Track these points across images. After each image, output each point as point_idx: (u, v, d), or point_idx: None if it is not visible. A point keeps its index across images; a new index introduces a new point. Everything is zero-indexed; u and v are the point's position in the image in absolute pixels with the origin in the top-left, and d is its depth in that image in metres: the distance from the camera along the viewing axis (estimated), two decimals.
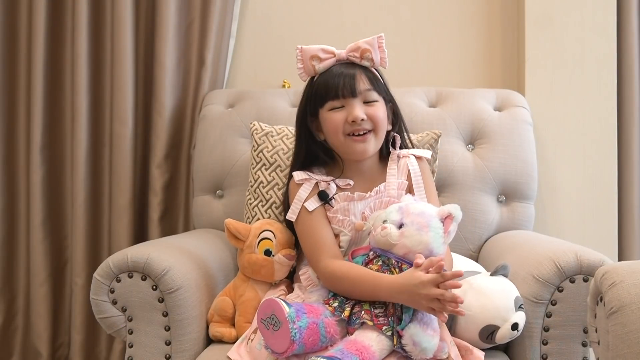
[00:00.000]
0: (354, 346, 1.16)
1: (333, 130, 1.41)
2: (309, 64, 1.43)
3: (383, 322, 1.21)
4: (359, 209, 1.42)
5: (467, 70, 2.11)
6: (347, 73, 1.40)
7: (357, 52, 1.42)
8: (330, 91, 1.40)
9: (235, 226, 1.48)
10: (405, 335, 1.18)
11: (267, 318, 1.20)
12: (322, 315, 1.23)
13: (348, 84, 1.39)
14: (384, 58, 1.44)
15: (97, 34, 2.05)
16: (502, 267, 1.36)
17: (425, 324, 1.20)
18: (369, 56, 1.42)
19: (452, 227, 1.30)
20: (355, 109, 1.39)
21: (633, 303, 1.04)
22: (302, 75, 1.47)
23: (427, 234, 1.27)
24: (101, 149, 2.07)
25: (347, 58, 1.43)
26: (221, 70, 2.06)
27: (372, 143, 1.42)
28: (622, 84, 1.98)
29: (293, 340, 1.15)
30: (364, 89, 1.40)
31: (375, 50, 1.42)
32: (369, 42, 1.42)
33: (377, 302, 1.25)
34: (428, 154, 1.53)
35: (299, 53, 1.44)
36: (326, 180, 1.45)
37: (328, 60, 1.43)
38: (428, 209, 1.32)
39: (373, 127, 1.41)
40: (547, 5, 1.96)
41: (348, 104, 1.40)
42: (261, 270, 1.47)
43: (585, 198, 1.96)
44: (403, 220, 1.29)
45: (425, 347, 1.17)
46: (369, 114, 1.40)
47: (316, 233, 1.41)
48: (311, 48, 1.43)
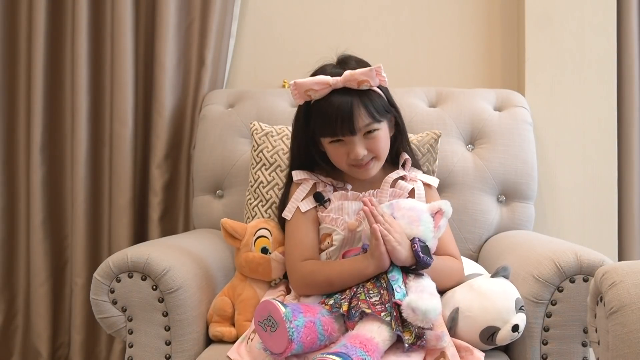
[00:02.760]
0: (357, 339, 1.16)
1: (336, 160, 1.43)
2: (304, 95, 1.38)
3: (380, 309, 1.22)
4: (353, 208, 1.42)
5: (467, 70, 2.11)
6: (345, 107, 1.33)
7: (354, 82, 1.34)
8: (329, 129, 1.37)
9: (231, 225, 1.49)
10: (404, 307, 1.19)
11: (264, 320, 1.20)
12: (319, 313, 1.24)
13: (346, 124, 1.34)
14: (383, 80, 1.36)
15: (97, 34, 2.05)
16: (502, 269, 1.36)
17: (421, 292, 1.23)
18: (367, 85, 1.35)
19: (442, 222, 1.34)
20: (355, 148, 1.37)
21: (633, 303, 1.04)
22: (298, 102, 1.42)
23: (417, 227, 1.30)
24: (101, 149, 2.07)
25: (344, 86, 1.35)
26: (221, 70, 2.06)
27: (375, 168, 1.43)
28: (622, 84, 1.98)
29: (291, 339, 1.15)
30: (362, 125, 1.36)
31: (373, 78, 1.34)
32: (365, 74, 1.33)
33: (371, 292, 1.26)
34: (436, 183, 1.53)
35: (294, 88, 1.37)
36: (325, 181, 1.46)
37: (323, 90, 1.36)
38: (418, 204, 1.35)
39: (375, 156, 1.41)
40: (547, 5, 1.96)
41: (348, 141, 1.38)
42: (258, 268, 1.47)
43: (585, 198, 1.96)
44: (394, 215, 1.32)
45: (425, 310, 1.17)
46: (369, 148, 1.38)
47: (302, 235, 1.42)
48: (305, 82, 1.35)
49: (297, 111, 1.48)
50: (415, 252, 1.27)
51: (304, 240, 1.42)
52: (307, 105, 1.41)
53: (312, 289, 1.36)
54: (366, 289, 1.27)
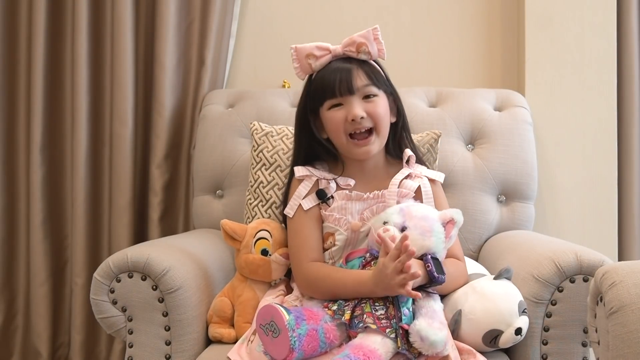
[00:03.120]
0: (361, 351, 1.15)
1: (335, 129, 1.41)
2: (305, 62, 1.43)
3: (386, 325, 1.20)
4: (357, 208, 1.41)
5: (467, 70, 2.11)
6: (344, 69, 1.39)
7: (353, 46, 1.40)
8: (328, 89, 1.39)
9: (231, 227, 1.48)
10: (412, 331, 1.18)
11: (266, 324, 1.20)
12: (322, 320, 1.22)
13: (345, 81, 1.37)
14: (381, 49, 1.41)
15: (97, 34, 2.05)
16: (505, 271, 1.34)
17: (431, 318, 1.20)
18: (366, 49, 1.40)
19: (454, 231, 1.31)
20: (354, 107, 1.37)
21: (633, 303, 1.04)
22: (299, 75, 1.46)
23: (429, 239, 1.28)
24: (101, 149, 2.07)
25: (344, 53, 1.41)
26: (221, 70, 2.06)
27: (375, 144, 1.41)
28: (622, 84, 1.98)
29: (292, 348, 1.15)
30: (361, 85, 1.39)
31: (371, 42, 1.39)
32: (363, 35, 1.39)
33: (377, 304, 1.24)
34: (442, 178, 1.51)
35: (294, 52, 1.43)
36: (327, 178, 1.45)
37: (324, 57, 1.41)
38: (430, 213, 1.32)
39: (374, 124, 1.40)
40: (547, 5, 1.96)
41: (346, 101, 1.38)
42: (258, 270, 1.47)
43: (585, 198, 1.96)
44: (406, 224, 1.29)
45: (434, 341, 1.16)
46: (368, 111, 1.38)
47: (306, 234, 1.41)
48: (305, 47, 1.42)
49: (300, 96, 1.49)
50: (430, 272, 1.24)
51: (308, 239, 1.41)
52: (308, 81, 1.46)
53: (314, 294, 1.35)
54: (372, 300, 1.25)
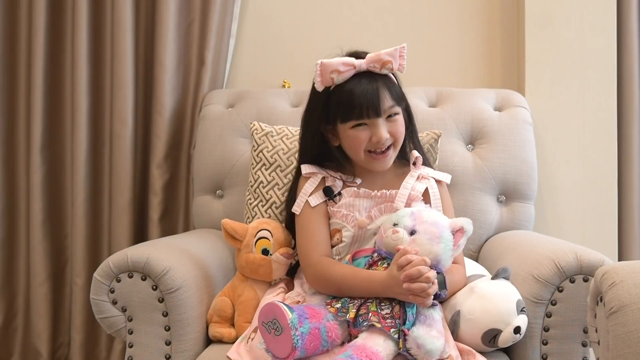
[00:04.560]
0: (364, 352, 1.15)
1: (355, 146, 1.40)
2: (328, 77, 1.37)
3: (391, 324, 1.20)
4: (364, 206, 1.42)
5: (467, 70, 2.11)
6: (371, 91, 1.36)
7: (378, 63, 1.37)
8: (355, 111, 1.36)
9: (232, 226, 1.48)
10: (410, 338, 1.19)
11: (268, 322, 1.20)
12: (324, 319, 1.22)
13: (372, 105, 1.36)
14: (402, 65, 1.40)
15: (97, 34, 2.05)
16: (502, 270, 1.35)
17: (429, 326, 1.21)
18: (390, 66, 1.38)
19: (462, 240, 1.32)
20: (380, 130, 1.37)
21: (633, 303, 1.04)
22: (318, 87, 1.40)
23: (437, 245, 1.28)
24: (101, 149, 2.07)
25: (367, 69, 1.38)
26: (221, 70, 2.06)
27: (392, 158, 1.43)
28: (622, 84, 1.98)
29: (295, 347, 1.15)
30: (387, 107, 1.38)
31: (396, 60, 1.38)
32: (390, 54, 1.37)
33: (383, 303, 1.24)
34: (448, 179, 1.52)
35: (319, 67, 1.37)
36: (334, 175, 1.45)
37: (347, 72, 1.37)
38: (441, 220, 1.32)
39: (394, 141, 1.41)
40: (547, 5, 1.96)
41: (372, 123, 1.38)
42: (259, 269, 1.47)
43: (585, 198, 1.96)
44: (416, 227, 1.29)
45: (430, 349, 1.17)
46: (391, 132, 1.39)
47: (314, 229, 1.42)
48: (332, 62, 1.36)
49: (311, 101, 1.46)
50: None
51: (316, 235, 1.41)
52: (325, 92, 1.40)
53: (323, 289, 1.36)
54: (378, 300, 1.25)
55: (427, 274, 1.18)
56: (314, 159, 1.49)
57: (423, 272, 1.18)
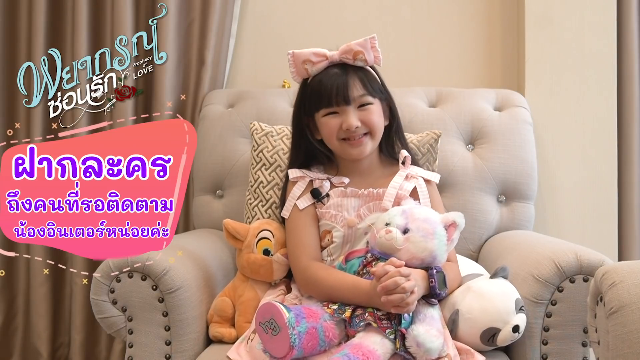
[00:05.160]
0: (360, 350, 1.15)
1: (328, 134, 1.43)
2: (302, 67, 1.44)
3: (386, 325, 1.21)
4: (353, 205, 1.42)
5: (467, 70, 2.11)
6: (340, 80, 1.40)
7: (350, 54, 1.41)
8: (324, 99, 1.41)
9: (233, 226, 1.48)
10: (409, 336, 1.19)
11: (265, 322, 1.20)
12: (321, 319, 1.22)
13: (341, 92, 1.39)
14: (377, 57, 1.43)
15: (97, 34, 2.04)
16: (501, 269, 1.35)
17: (429, 325, 1.21)
18: (362, 57, 1.41)
19: (455, 234, 1.32)
20: (349, 117, 1.39)
21: (633, 303, 1.04)
22: (295, 79, 1.47)
23: (432, 241, 1.28)
24: None
25: (340, 60, 1.42)
26: (221, 70, 2.06)
27: (368, 145, 1.44)
28: (622, 84, 1.98)
29: (292, 346, 1.15)
30: (357, 95, 1.40)
31: (368, 51, 1.41)
32: (361, 44, 1.41)
33: None
34: (437, 178, 1.53)
35: (291, 58, 1.44)
36: (321, 178, 1.47)
37: (320, 63, 1.42)
38: (433, 216, 1.32)
39: (369, 130, 1.42)
40: (547, 6, 1.96)
41: (342, 110, 1.41)
42: (260, 270, 1.47)
43: (585, 198, 1.96)
44: (408, 225, 1.29)
45: (429, 348, 1.17)
46: (363, 120, 1.40)
47: (302, 233, 1.43)
48: (303, 52, 1.43)
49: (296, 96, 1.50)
50: (432, 288, 1.25)
51: (305, 238, 1.42)
52: (304, 84, 1.46)
53: (313, 294, 1.36)
54: None
55: (403, 285, 1.17)
56: (302, 163, 1.50)
57: (399, 283, 1.17)
